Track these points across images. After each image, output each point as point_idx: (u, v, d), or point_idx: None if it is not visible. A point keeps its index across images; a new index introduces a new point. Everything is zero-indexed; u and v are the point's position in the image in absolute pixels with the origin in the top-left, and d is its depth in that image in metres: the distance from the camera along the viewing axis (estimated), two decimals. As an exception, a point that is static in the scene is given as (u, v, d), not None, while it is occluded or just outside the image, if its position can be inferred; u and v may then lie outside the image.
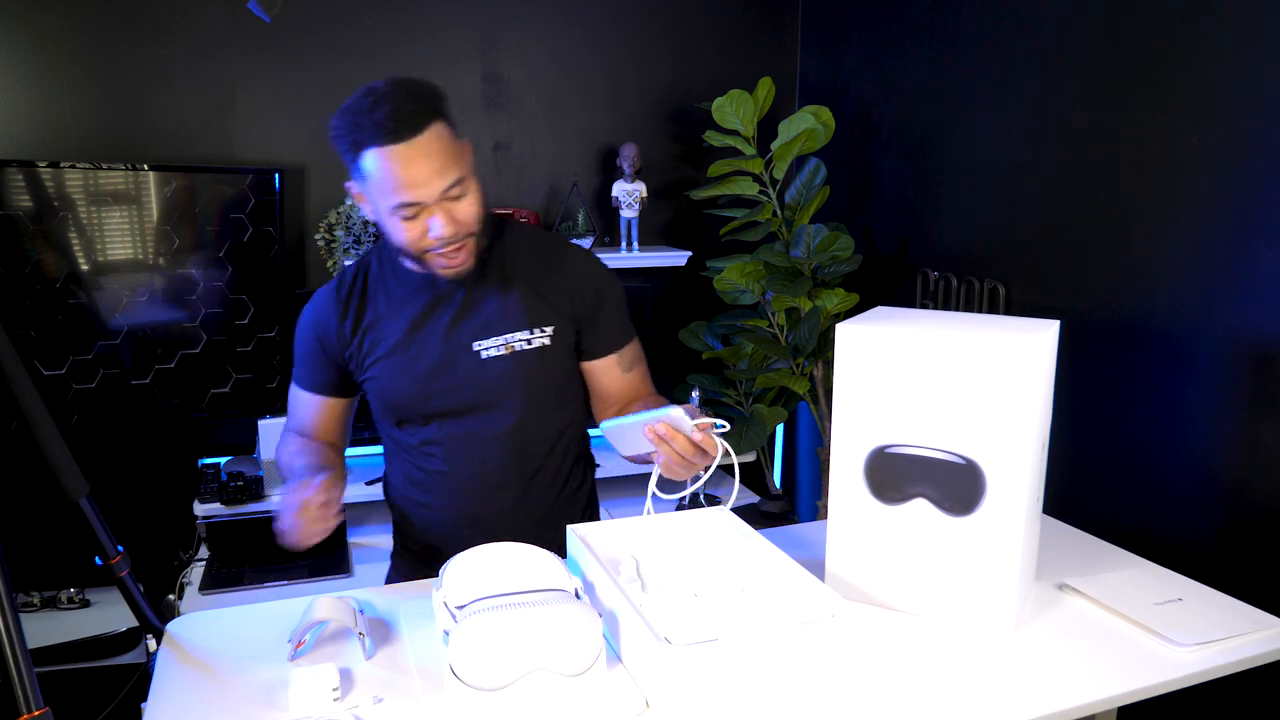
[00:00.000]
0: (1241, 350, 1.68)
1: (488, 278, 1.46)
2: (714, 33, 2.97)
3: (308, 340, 1.51)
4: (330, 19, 2.58)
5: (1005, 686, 1.10)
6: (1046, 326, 1.23)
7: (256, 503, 2.40)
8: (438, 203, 1.29)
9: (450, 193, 1.29)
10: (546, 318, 1.46)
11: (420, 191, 1.27)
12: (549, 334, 1.46)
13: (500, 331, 1.44)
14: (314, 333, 1.50)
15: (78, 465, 1.21)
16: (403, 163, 1.25)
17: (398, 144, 1.25)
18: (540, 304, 1.46)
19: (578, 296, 1.48)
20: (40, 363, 2.22)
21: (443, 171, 1.27)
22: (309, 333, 1.51)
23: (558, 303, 1.47)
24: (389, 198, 1.28)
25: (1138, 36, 1.86)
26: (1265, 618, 1.23)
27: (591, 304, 1.49)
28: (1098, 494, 1.99)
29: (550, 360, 1.46)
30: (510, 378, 1.44)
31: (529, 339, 1.45)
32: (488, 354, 1.43)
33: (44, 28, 2.36)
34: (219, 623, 1.26)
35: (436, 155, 1.27)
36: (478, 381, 1.43)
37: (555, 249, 1.51)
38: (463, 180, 1.31)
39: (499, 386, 1.44)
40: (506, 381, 1.44)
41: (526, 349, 1.44)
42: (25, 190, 2.15)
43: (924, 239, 2.54)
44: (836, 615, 1.08)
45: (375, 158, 1.26)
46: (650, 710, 1.03)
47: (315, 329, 1.50)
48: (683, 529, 1.35)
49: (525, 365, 1.44)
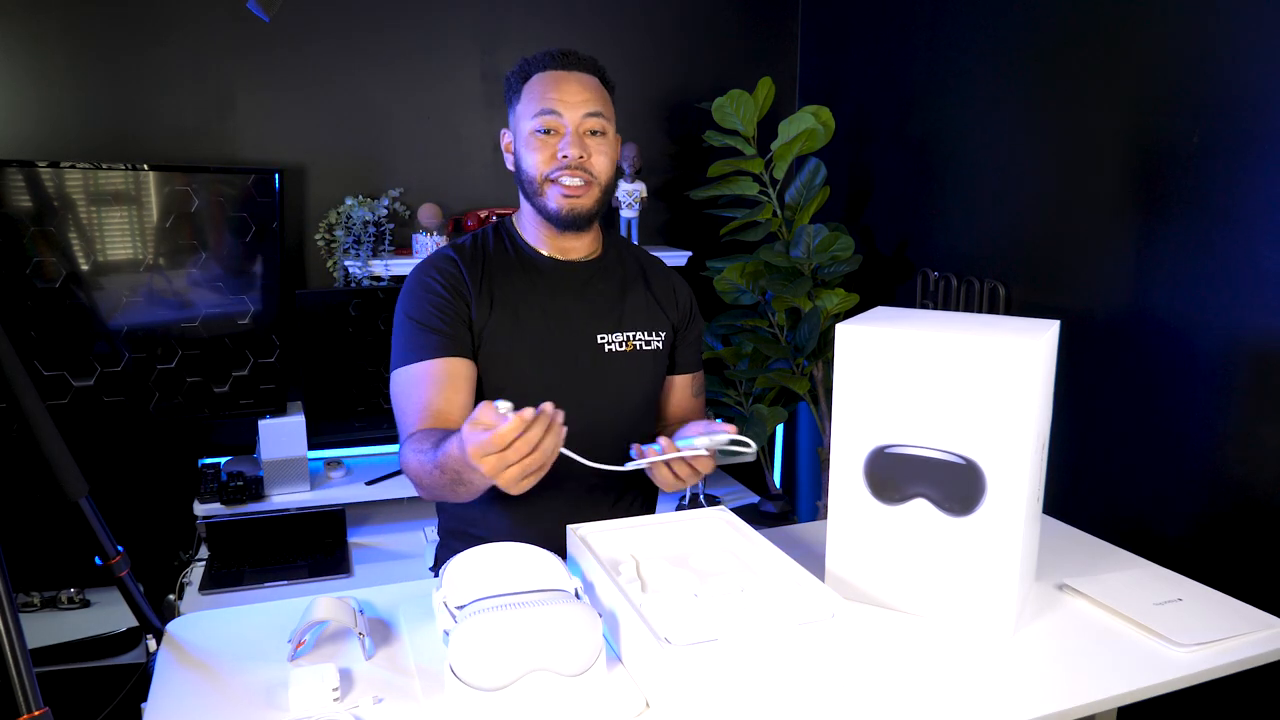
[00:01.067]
0: (1241, 350, 1.68)
1: (611, 274, 1.51)
2: (714, 33, 2.97)
3: (436, 295, 1.38)
4: (330, 19, 2.58)
5: (1005, 687, 1.10)
6: (1046, 326, 1.23)
7: (256, 503, 2.40)
8: (576, 127, 1.39)
9: (589, 123, 1.40)
10: (661, 324, 1.53)
11: (564, 105, 1.39)
12: (661, 339, 1.52)
13: (624, 328, 1.48)
14: (444, 286, 1.39)
15: (78, 465, 1.21)
16: (558, 80, 1.40)
17: (559, 69, 1.41)
18: (658, 309, 1.53)
19: (682, 310, 1.57)
20: (40, 363, 2.22)
21: (588, 101, 1.40)
22: (436, 287, 1.39)
23: (669, 311, 1.55)
24: (534, 108, 1.40)
25: (1137, 36, 1.86)
26: (1265, 618, 1.23)
27: (688, 319, 1.58)
28: (1098, 494, 1.99)
29: (659, 364, 1.53)
30: (628, 373, 1.48)
31: (648, 340, 1.50)
32: (610, 347, 1.47)
33: (44, 28, 2.36)
34: (219, 623, 1.25)
35: (589, 87, 1.42)
36: (597, 372, 1.45)
37: (660, 263, 1.61)
38: (605, 121, 1.42)
39: (616, 380, 1.46)
40: (624, 376, 1.47)
41: (645, 349, 1.49)
42: (25, 190, 2.15)
43: (924, 239, 2.54)
44: (836, 615, 1.08)
45: (538, 79, 1.42)
46: (650, 710, 1.03)
47: (445, 282, 1.39)
48: (683, 529, 1.35)
49: (642, 364, 1.49)
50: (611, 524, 1.35)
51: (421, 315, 1.38)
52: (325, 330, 2.48)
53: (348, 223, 2.58)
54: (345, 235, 2.58)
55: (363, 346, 2.52)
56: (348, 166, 2.66)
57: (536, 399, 1.39)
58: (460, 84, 2.73)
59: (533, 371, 1.42)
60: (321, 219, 2.63)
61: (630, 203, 2.72)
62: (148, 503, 2.55)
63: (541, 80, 1.41)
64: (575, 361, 1.44)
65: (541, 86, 1.41)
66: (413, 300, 1.40)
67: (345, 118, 2.64)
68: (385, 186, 2.68)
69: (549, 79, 1.41)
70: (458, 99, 2.74)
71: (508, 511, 1.45)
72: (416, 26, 2.66)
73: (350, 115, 2.64)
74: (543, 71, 1.42)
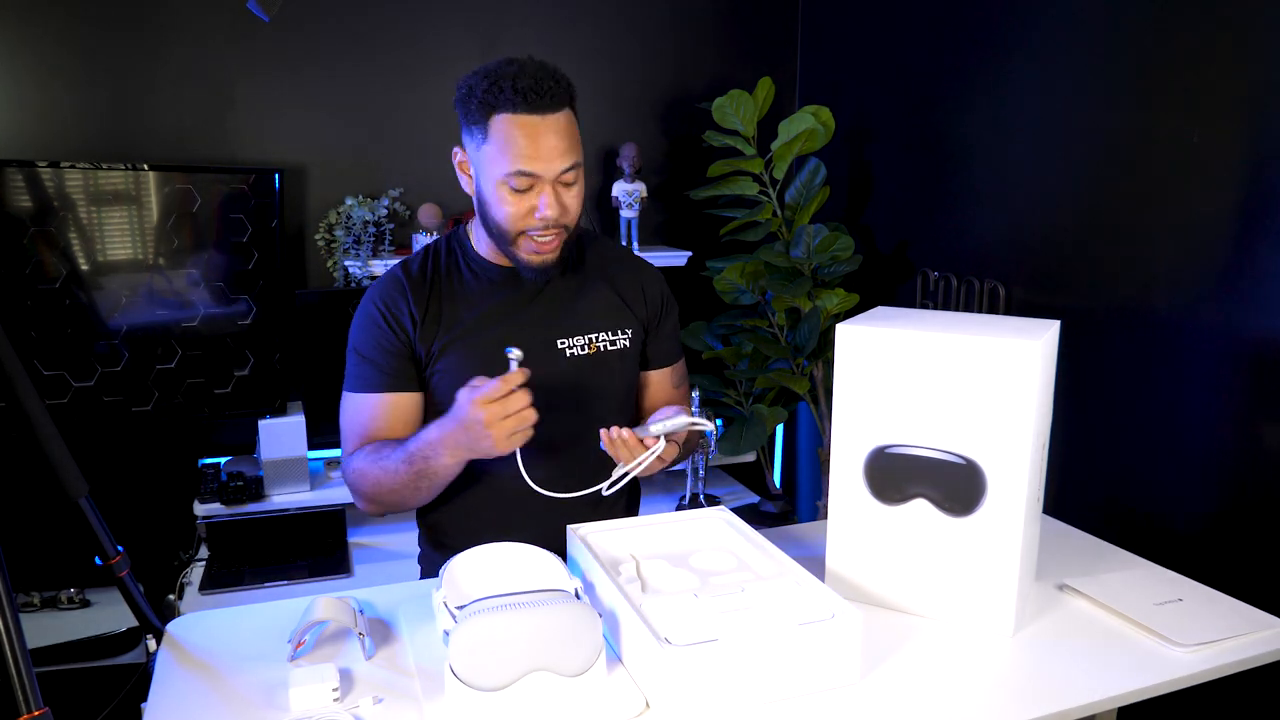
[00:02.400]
0: (1241, 350, 1.68)
1: (570, 275, 1.46)
2: (714, 33, 2.97)
3: (376, 329, 1.39)
4: (330, 19, 2.57)
5: (1005, 687, 1.10)
6: (1046, 326, 1.23)
7: (256, 503, 2.40)
8: (551, 183, 1.30)
9: (565, 176, 1.31)
10: (627, 320, 1.48)
11: (541, 165, 1.28)
12: (628, 337, 1.47)
13: (585, 330, 1.43)
14: (384, 319, 1.39)
15: (78, 465, 1.21)
16: (534, 133, 1.27)
17: (533, 114, 1.26)
18: (622, 306, 1.48)
19: (650, 304, 1.52)
20: (40, 363, 2.22)
21: (566, 153, 1.30)
22: (378, 320, 1.40)
23: (635, 307, 1.49)
24: (507, 165, 1.28)
25: (1137, 36, 1.86)
26: (1265, 618, 1.23)
27: (660, 314, 1.53)
28: (1098, 494, 1.99)
29: (627, 363, 1.48)
30: (591, 376, 1.43)
31: (612, 339, 1.45)
32: (572, 351, 1.42)
33: (44, 28, 2.36)
34: (219, 623, 1.25)
35: (565, 135, 1.29)
36: (559, 378, 1.40)
37: (627, 256, 1.55)
38: (578, 169, 1.33)
39: (579, 385, 1.42)
40: (587, 380, 1.43)
41: (609, 349, 1.45)
42: (25, 190, 2.15)
43: (924, 239, 2.54)
44: (836, 615, 1.08)
45: (507, 123, 1.27)
46: (650, 710, 1.03)
47: (386, 314, 1.39)
48: (683, 529, 1.35)
49: (607, 365, 1.45)
50: (611, 524, 1.35)
51: (364, 348, 1.40)
52: (325, 330, 2.48)
53: (348, 223, 2.58)
54: (345, 235, 2.58)
55: (363, 346, 2.52)
56: (348, 166, 2.66)
57: None
58: (460, 84, 2.73)
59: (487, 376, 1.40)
60: (321, 219, 2.63)
61: (630, 203, 2.72)
62: (148, 503, 2.55)
63: (512, 127, 1.26)
64: (536, 368, 1.34)
65: (514, 138, 1.26)
66: (358, 331, 1.42)
67: (345, 118, 2.63)
68: (385, 186, 2.68)
69: (522, 129, 1.26)
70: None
71: (490, 520, 1.44)
72: (416, 26, 2.66)
73: (350, 115, 2.64)
74: (511, 114, 1.26)
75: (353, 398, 1.41)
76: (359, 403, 1.40)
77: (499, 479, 1.41)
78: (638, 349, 1.50)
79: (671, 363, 1.56)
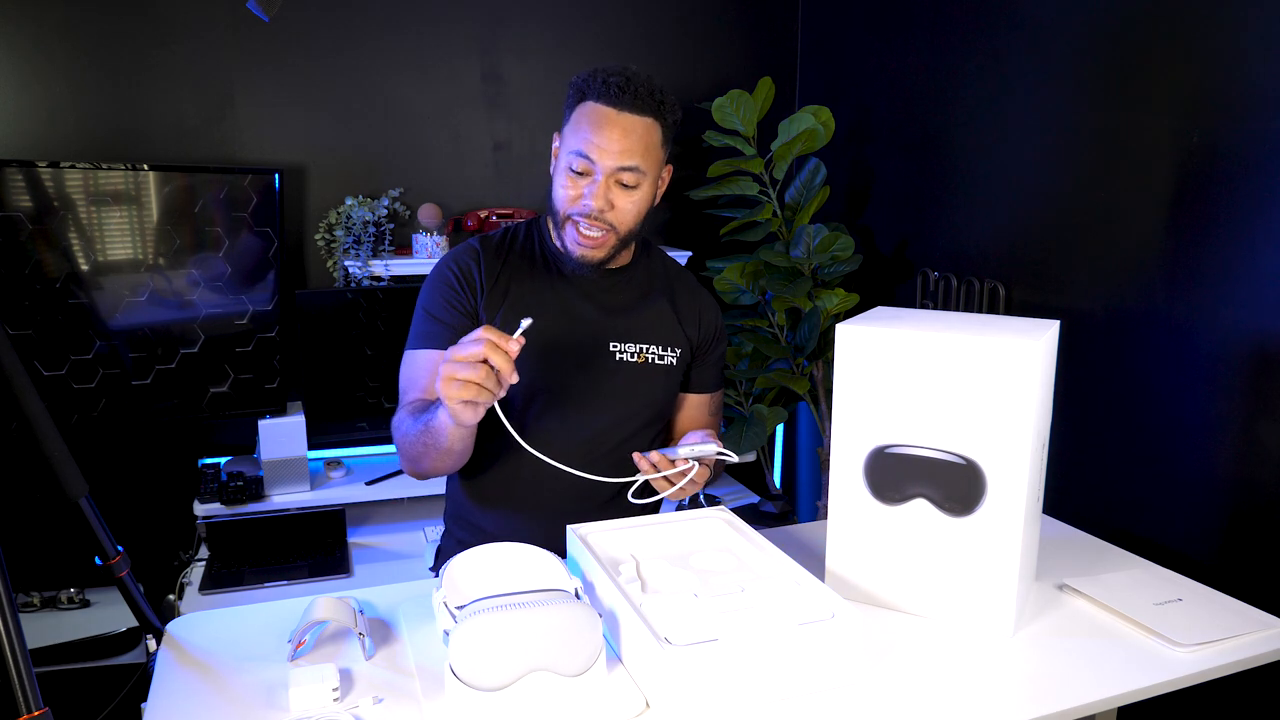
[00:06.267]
0: (1241, 350, 1.68)
1: (634, 284, 1.50)
2: (714, 33, 2.97)
3: (448, 287, 1.43)
4: (330, 19, 2.58)
5: (1005, 687, 1.10)
6: (1046, 326, 1.23)
7: (256, 503, 2.40)
8: (607, 176, 1.34)
9: (623, 176, 1.35)
10: (678, 340, 1.51)
11: (600, 153, 1.33)
12: (676, 355, 1.51)
13: (639, 339, 1.47)
14: (457, 280, 1.43)
15: (78, 465, 1.21)
16: (604, 123, 1.33)
17: (611, 108, 1.33)
18: (676, 326, 1.52)
19: (704, 331, 1.55)
20: (40, 363, 2.22)
21: (628, 152, 1.34)
22: (450, 280, 1.43)
23: (689, 330, 1.53)
24: (572, 144, 1.34)
25: (1137, 36, 1.86)
26: (1265, 618, 1.23)
27: (710, 341, 1.56)
28: (1098, 494, 1.99)
29: (671, 379, 1.51)
30: (636, 384, 1.47)
31: (661, 354, 1.49)
32: (622, 356, 1.46)
33: (44, 28, 2.36)
34: (219, 623, 1.25)
35: (634, 137, 1.34)
36: (605, 378, 1.45)
37: (690, 279, 1.59)
38: (640, 176, 1.36)
39: (622, 390, 1.46)
40: (631, 387, 1.46)
41: (657, 363, 1.48)
42: (25, 190, 2.15)
43: (924, 239, 2.54)
44: (836, 615, 1.08)
45: (587, 109, 1.34)
46: (650, 710, 1.03)
47: (460, 276, 1.43)
48: (683, 529, 1.35)
49: (651, 377, 1.48)
50: (611, 524, 1.35)
51: (431, 305, 1.44)
52: (325, 330, 2.48)
53: (348, 223, 2.58)
54: (345, 235, 2.58)
55: (363, 346, 2.52)
56: (348, 166, 2.66)
57: (543, 396, 1.41)
58: (460, 84, 2.73)
59: (540, 368, 1.42)
60: (321, 219, 2.63)
61: (630, 203, 2.71)
62: (148, 503, 2.55)
63: (589, 113, 1.34)
64: (584, 364, 1.44)
65: (587, 120, 1.34)
66: (428, 289, 1.46)
67: (345, 118, 2.64)
68: (385, 186, 2.69)
69: (596, 116, 1.33)
70: (458, 99, 2.74)
71: (509, 505, 1.47)
72: (417, 26, 2.66)
73: (350, 115, 2.64)
74: (595, 102, 1.34)
75: (414, 354, 1.44)
76: (419, 359, 1.43)
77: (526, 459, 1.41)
78: (683, 368, 1.54)
79: (712, 390, 1.60)
